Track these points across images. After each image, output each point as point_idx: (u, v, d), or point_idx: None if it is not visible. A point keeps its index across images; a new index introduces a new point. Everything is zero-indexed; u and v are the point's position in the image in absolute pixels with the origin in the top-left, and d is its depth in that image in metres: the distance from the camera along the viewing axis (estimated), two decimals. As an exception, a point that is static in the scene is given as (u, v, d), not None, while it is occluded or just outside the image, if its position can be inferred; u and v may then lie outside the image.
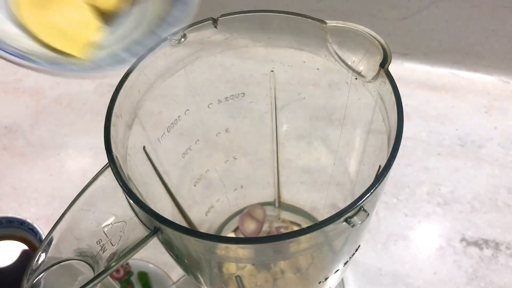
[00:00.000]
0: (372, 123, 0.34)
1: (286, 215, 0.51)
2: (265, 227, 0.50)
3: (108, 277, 0.28)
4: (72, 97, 0.65)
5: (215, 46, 0.34)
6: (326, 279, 0.36)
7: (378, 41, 0.30)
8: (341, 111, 0.37)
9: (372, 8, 0.62)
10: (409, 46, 0.64)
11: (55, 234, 0.29)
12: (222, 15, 0.32)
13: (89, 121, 0.62)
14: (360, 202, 0.25)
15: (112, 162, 0.28)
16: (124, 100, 0.30)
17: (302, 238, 0.25)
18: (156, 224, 0.27)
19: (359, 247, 0.35)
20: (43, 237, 0.41)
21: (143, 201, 0.27)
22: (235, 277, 0.35)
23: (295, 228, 0.50)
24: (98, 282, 0.28)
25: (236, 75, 0.37)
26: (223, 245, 0.27)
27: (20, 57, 0.24)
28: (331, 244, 0.30)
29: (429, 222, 0.52)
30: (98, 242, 0.29)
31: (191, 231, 0.25)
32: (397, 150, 0.27)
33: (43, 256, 0.28)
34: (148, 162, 0.35)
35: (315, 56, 0.33)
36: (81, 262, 0.29)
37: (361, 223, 0.25)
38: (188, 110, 0.37)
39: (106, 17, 0.29)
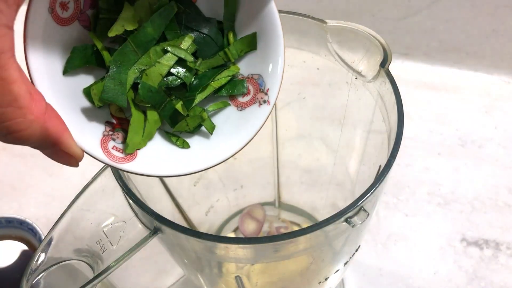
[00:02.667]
0: (372, 123, 0.34)
1: (286, 215, 0.51)
2: (265, 227, 0.50)
3: (108, 277, 0.28)
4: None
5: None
6: (326, 279, 0.36)
7: (378, 40, 0.30)
8: (341, 111, 0.37)
9: (373, 8, 0.62)
10: (410, 46, 0.64)
11: (55, 234, 0.29)
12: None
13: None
14: (361, 202, 0.25)
15: (112, 162, 0.28)
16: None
17: (302, 238, 0.25)
18: (156, 224, 0.27)
19: (359, 247, 0.35)
20: (43, 237, 0.41)
21: (143, 201, 0.27)
22: (235, 277, 0.35)
23: (295, 228, 0.50)
24: (98, 282, 0.28)
25: (236, 75, 0.37)
26: (223, 245, 0.27)
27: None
28: (331, 244, 0.30)
29: (429, 222, 0.52)
30: (97, 242, 0.29)
31: (191, 231, 0.25)
32: (398, 150, 0.27)
33: (42, 256, 0.28)
34: (148, 162, 0.35)
35: (315, 56, 0.33)
36: (81, 262, 0.29)
37: (361, 223, 0.25)
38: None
39: None
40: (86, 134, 0.24)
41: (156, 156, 0.26)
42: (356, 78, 0.33)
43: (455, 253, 0.49)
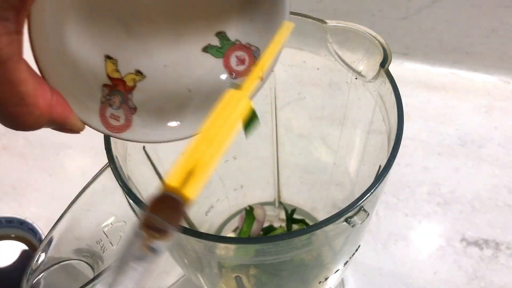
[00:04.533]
0: (372, 123, 0.34)
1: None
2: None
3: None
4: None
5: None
6: (326, 279, 0.36)
7: (378, 40, 0.30)
8: (341, 110, 0.37)
9: (372, 8, 0.62)
10: (409, 46, 0.64)
11: (55, 234, 0.29)
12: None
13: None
14: (360, 202, 0.25)
15: (112, 162, 0.28)
16: (124, 100, 0.30)
17: (302, 238, 0.25)
18: (156, 224, 0.27)
19: (359, 247, 0.35)
20: (43, 237, 0.41)
21: (143, 201, 0.27)
22: (235, 277, 0.35)
23: (294, 225, 0.50)
24: (98, 282, 0.28)
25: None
26: (223, 245, 0.27)
27: None
28: (331, 244, 0.30)
29: (429, 222, 0.52)
30: (98, 242, 0.29)
31: (191, 231, 0.25)
32: (397, 150, 0.27)
33: (43, 256, 0.28)
34: (148, 162, 0.35)
35: (315, 56, 0.33)
36: (81, 262, 0.29)
37: (361, 223, 0.25)
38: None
39: None
40: (86, 105, 0.25)
41: (149, 124, 0.27)
42: (356, 78, 0.33)
43: (455, 253, 0.49)
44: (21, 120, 0.19)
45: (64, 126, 0.22)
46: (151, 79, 0.27)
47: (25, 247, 0.50)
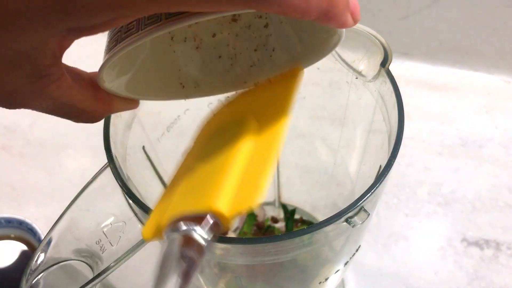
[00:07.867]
0: (373, 122, 0.34)
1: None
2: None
3: (108, 277, 0.28)
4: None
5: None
6: (326, 279, 0.36)
7: (379, 40, 0.30)
8: (341, 110, 0.37)
9: (373, 7, 0.62)
10: (410, 46, 0.64)
11: (54, 234, 0.29)
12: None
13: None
14: (361, 202, 0.25)
15: (112, 162, 0.28)
16: (123, 99, 0.30)
17: (302, 238, 0.25)
18: (155, 224, 0.27)
19: (359, 247, 0.35)
20: (42, 237, 0.41)
21: (143, 201, 0.27)
22: (235, 277, 0.35)
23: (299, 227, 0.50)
24: (97, 283, 0.28)
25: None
26: (223, 245, 0.27)
27: None
28: (331, 244, 0.30)
29: (429, 222, 0.52)
30: (97, 243, 0.29)
31: (191, 231, 0.25)
32: (398, 149, 0.27)
33: (42, 256, 0.28)
34: (148, 162, 0.35)
35: (315, 56, 0.33)
36: (80, 262, 0.29)
37: (361, 223, 0.25)
38: (187, 109, 0.37)
39: None
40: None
41: None
42: (357, 78, 0.32)
43: (456, 253, 0.49)
44: (87, 121, 0.24)
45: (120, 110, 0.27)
46: None
47: (25, 247, 0.50)
